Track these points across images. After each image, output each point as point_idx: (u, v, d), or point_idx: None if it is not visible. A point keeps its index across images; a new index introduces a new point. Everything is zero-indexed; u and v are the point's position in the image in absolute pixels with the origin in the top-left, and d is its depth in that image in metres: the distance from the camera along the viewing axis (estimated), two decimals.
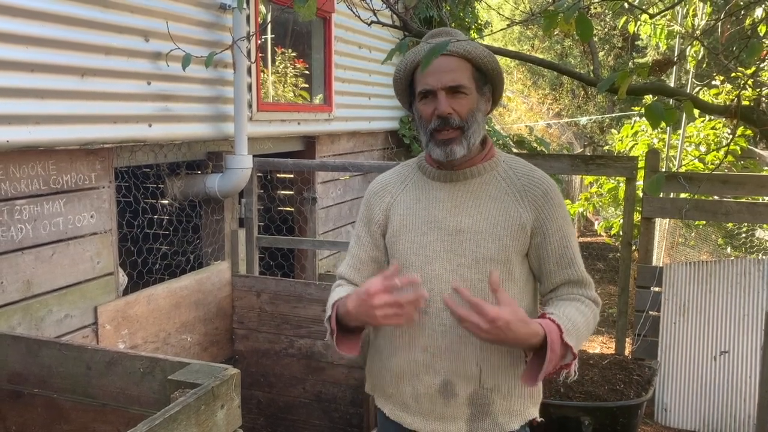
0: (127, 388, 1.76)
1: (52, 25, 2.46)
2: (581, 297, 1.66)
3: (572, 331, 1.54)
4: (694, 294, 3.85)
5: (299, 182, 4.57)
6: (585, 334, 1.60)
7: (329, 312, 1.68)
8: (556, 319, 1.53)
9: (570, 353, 1.53)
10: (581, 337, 1.58)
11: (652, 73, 1.78)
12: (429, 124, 1.64)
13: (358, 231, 1.85)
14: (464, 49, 1.63)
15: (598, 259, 8.66)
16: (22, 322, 2.48)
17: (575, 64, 15.14)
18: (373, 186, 1.84)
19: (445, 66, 1.62)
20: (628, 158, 4.06)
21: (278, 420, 3.45)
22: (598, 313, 1.67)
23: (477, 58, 1.64)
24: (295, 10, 2.24)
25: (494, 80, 1.71)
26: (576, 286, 1.67)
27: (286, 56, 4.33)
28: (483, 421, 1.64)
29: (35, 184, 2.52)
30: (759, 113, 3.15)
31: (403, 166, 1.85)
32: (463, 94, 1.63)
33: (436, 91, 1.62)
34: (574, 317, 1.58)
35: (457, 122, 1.62)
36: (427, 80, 1.63)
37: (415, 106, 1.71)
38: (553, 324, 1.51)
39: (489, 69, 1.67)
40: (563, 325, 1.52)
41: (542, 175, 1.70)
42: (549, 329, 1.49)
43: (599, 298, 1.69)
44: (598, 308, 1.67)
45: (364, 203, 1.85)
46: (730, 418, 3.74)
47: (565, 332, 1.51)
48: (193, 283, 3.33)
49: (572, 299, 1.65)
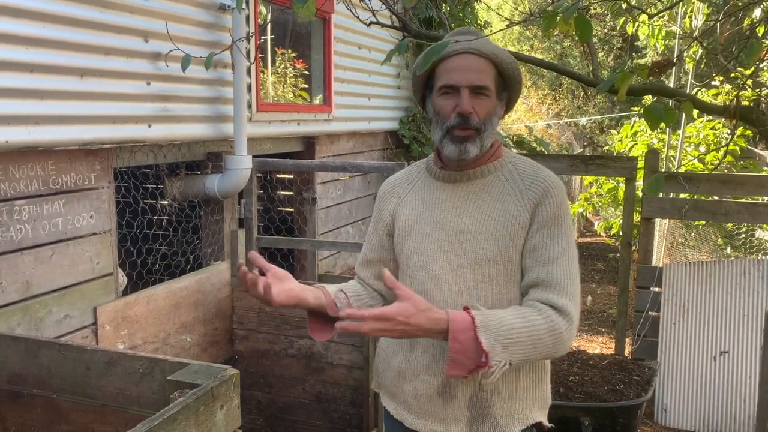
0: (126, 388, 1.76)
1: (51, 26, 2.46)
2: (538, 303, 1.50)
3: (493, 331, 1.41)
4: (694, 294, 3.85)
5: (299, 183, 4.57)
6: (521, 339, 1.43)
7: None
8: (474, 312, 1.43)
9: (482, 352, 1.39)
10: (513, 343, 1.42)
11: (652, 73, 1.78)
12: (447, 121, 1.63)
13: (369, 230, 1.88)
14: (492, 52, 1.62)
15: (597, 259, 8.67)
16: (21, 322, 2.48)
17: (574, 64, 15.16)
18: (384, 187, 1.87)
19: (472, 65, 1.61)
20: (628, 158, 4.06)
21: (278, 420, 3.44)
22: (559, 324, 1.46)
23: (503, 62, 1.64)
24: (294, 10, 2.24)
25: (513, 87, 1.71)
26: (543, 290, 1.51)
27: (285, 57, 4.33)
28: (483, 424, 1.63)
29: (35, 185, 2.52)
30: (758, 113, 3.16)
31: (413, 167, 1.86)
32: (485, 96, 1.62)
33: (460, 88, 1.60)
34: (508, 319, 1.44)
35: (476, 123, 1.61)
36: (451, 76, 1.61)
37: (432, 100, 1.68)
38: (467, 316, 1.42)
39: (511, 76, 1.67)
40: (479, 320, 1.41)
41: (547, 174, 1.66)
42: (457, 319, 1.41)
43: (573, 310, 1.49)
44: (561, 318, 1.47)
45: (376, 204, 1.88)
46: (730, 419, 3.74)
47: (480, 327, 1.40)
48: (193, 283, 3.32)
49: (527, 304, 1.52)
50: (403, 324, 1.40)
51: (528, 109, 16.11)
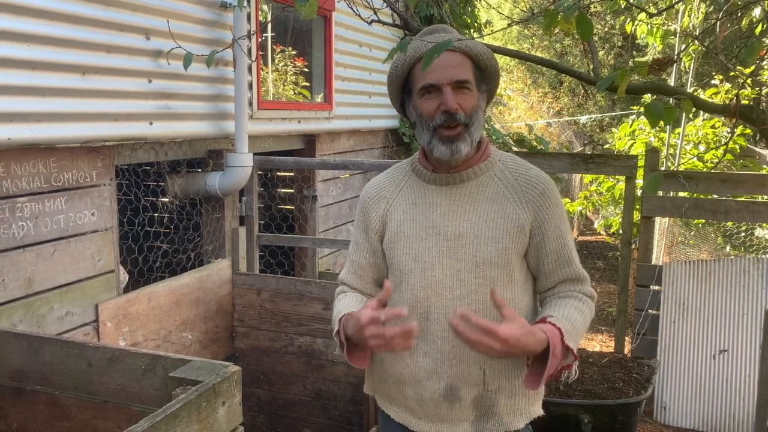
0: (128, 385, 1.77)
1: (53, 23, 2.47)
2: (578, 294, 1.67)
3: (572, 332, 1.55)
4: (694, 293, 3.86)
5: (299, 180, 4.57)
6: (583, 331, 1.63)
7: (336, 327, 1.67)
8: (557, 322, 1.54)
9: (571, 354, 1.55)
10: (579, 335, 1.61)
11: (652, 71, 1.79)
12: (432, 121, 1.60)
13: (356, 237, 1.82)
14: (466, 46, 1.61)
15: (597, 257, 8.67)
16: (23, 319, 2.49)
17: (574, 63, 15.14)
18: (368, 191, 1.80)
19: (449, 61, 1.59)
20: (628, 157, 4.06)
21: (278, 417, 3.45)
22: (594, 307, 1.70)
23: (478, 55, 1.63)
24: (296, 8, 2.25)
25: (491, 79, 1.70)
26: (573, 283, 1.68)
27: (286, 54, 4.33)
28: (488, 422, 1.64)
29: (36, 182, 2.52)
30: (759, 112, 3.16)
31: (396, 169, 1.81)
32: (468, 89, 1.61)
33: (442, 86, 1.58)
34: (573, 317, 1.59)
35: (463, 118, 1.59)
36: (431, 75, 1.58)
37: (413, 103, 1.67)
38: (555, 328, 1.52)
39: (488, 67, 1.66)
40: (564, 328, 1.53)
41: (539, 174, 1.68)
42: (551, 334, 1.50)
43: (594, 292, 1.72)
44: (593, 302, 1.70)
45: (359, 208, 1.82)
46: (729, 417, 3.75)
47: (565, 335, 1.52)
48: (194, 281, 3.33)
49: (570, 296, 1.66)
50: (514, 346, 1.43)
51: (528, 107, 16.10)
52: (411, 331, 1.46)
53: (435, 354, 1.63)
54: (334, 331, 1.67)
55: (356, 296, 1.80)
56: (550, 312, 1.60)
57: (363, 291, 1.82)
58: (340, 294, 1.83)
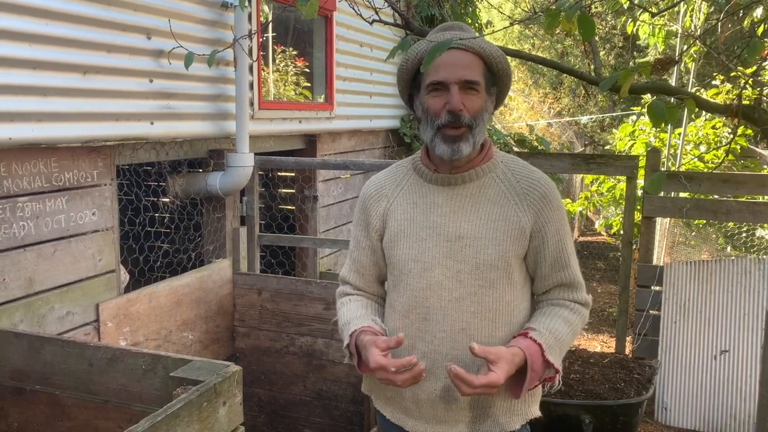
0: (129, 385, 1.77)
1: (54, 23, 2.47)
2: (569, 303, 1.67)
3: (554, 346, 1.56)
4: (695, 293, 3.86)
5: (300, 180, 4.57)
6: (569, 342, 1.64)
7: (346, 340, 1.67)
8: (538, 337, 1.56)
9: (552, 368, 1.57)
10: (565, 347, 1.62)
11: (654, 72, 1.78)
12: (437, 119, 1.59)
13: (357, 235, 1.81)
14: (479, 46, 1.59)
15: (598, 258, 8.66)
16: (24, 319, 2.49)
17: (575, 63, 15.13)
18: (368, 189, 1.79)
19: (459, 60, 1.57)
20: (629, 157, 4.06)
21: (279, 417, 3.45)
22: (587, 315, 1.70)
23: (491, 56, 1.61)
24: (297, 8, 2.25)
25: (503, 82, 1.68)
26: (567, 290, 1.67)
27: (287, 54, 4.33)
28: (484, 423, 1.64)
29: (37, 182, 2.52)
30: (760, 112, 3.16)
31: (397, 167, 1.80)
32: (475, 91, 1.59)
33: (449, 84, 1.56)
34: (559, 329, 1.60)
35: (467, 120, 1.58)
36: (440, 72, 1.57)
37: (420, 99, 1.65)
38: (535, 344, 1.54)
39: (500, 70, 1.64)
40: (545, 343, 1.55)
41: (541, 177, 1.67)
42: (530, 351, 1.53)
43: (589, 298, 1.71)
44: (587, 309, 1.70)
45: (359, 206, 1.80)
46: (730, 417, 3.74)
47: (546, 350, 1.54)
48: (195, 281, 3.33)
49: (560, 305, 1.66)
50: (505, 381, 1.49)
51: (529, 107, 16.10)
52: (420, 374, 1.51)
53: (432, 355, 1.62)
54: (345, 343, 1.68)
55: (361, 301, 1.79)
56: (535, 324, 1.61)
57: (365, 289, 1.82)
58: (343, 296, 1.82)
